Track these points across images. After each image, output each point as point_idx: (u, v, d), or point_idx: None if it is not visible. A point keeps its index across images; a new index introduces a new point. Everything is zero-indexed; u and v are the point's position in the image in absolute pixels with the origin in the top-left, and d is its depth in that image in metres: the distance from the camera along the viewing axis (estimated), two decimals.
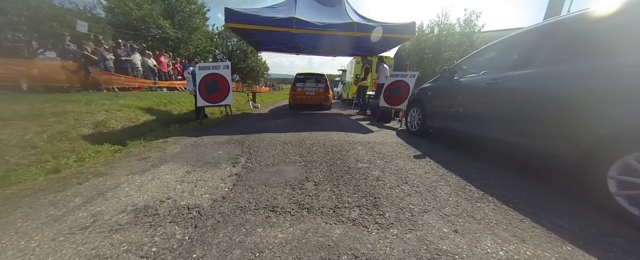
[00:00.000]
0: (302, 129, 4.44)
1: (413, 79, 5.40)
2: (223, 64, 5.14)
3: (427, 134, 4.16)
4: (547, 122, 1.97)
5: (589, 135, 1.63)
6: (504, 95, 2.43)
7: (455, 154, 2.97)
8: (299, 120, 5.60)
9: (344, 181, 1.96)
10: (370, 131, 4.49)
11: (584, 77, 1.74)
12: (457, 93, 3.26)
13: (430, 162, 2.59)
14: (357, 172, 2.20)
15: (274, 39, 7.53)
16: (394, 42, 7.38)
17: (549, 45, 2.17)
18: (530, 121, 2.13)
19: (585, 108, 1.69)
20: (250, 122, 5.21)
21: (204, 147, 3.08)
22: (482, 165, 2.52)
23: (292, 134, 3.88)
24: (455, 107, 3.23)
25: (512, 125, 2.31)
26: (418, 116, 4.30)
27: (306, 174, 2.12)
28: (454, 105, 3.27)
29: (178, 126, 4.62)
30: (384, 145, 3.30)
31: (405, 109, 5.24)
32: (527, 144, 2.13)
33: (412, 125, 4.45)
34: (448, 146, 3.40)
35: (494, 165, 2.55)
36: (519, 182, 2.09)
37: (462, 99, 3.12)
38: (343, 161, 2.50)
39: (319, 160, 2.52)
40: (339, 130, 4.32)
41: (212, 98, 5.08)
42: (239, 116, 6.37)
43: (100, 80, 7.44)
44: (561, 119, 1.85)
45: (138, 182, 1.91)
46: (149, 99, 6.52)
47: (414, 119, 4.44)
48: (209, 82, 5.07)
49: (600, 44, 1.79)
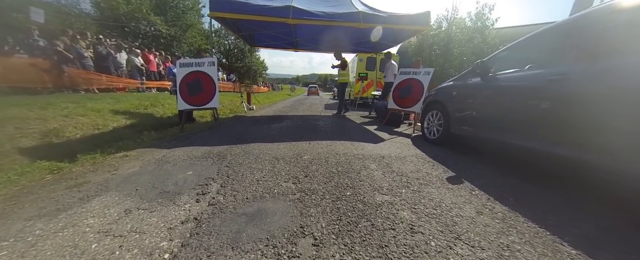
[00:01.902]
0: (300, 136, 3.73)
1: (427, 76, 4.69)
2: (208, 60, 4.43)
3: (449, 142, 3.45)
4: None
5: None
6: (586, 96, 1.72)
7: (499, 174, 2.25)
8: (297, 125, 4.89)
9: (360, 236, 1.25)
10: (380, 139, 3.78)
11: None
12: (498, 93, 2.54)
13: (475, 190, 1.87)
14: (377, 213, 1.48)
15: (270, 32, 6.82)
16: (405, 35, 6.64)
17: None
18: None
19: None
20: (241, 128, 4.51)
21: (171, 164, 2.37)
22: (557, 199, 1.81)
23: (288, 145, 3.17)
24: (496, 112, 2.52)
25: (602, 138, 1.59)
26: (438, 121, 3.59)
27: (301, 218, 1.41)
28: (494, 109, 2.56)
29: (154, 133, 3.91)
30: (404, 161, 2.58)
31: (419, 112, 4.53)
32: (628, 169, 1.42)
33: (431, 132, 3.74)
34: (480, 160, 2.69)
35: (568, 198, 1.83)
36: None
37: (509, 101, 2.40)
38: (354, 191, 1.79)
39: (321, 189, 1.81)
40: (343, 139, 3.61)
41: (195, 100, 4.37)
42: (230, 120, 5.66)
43: (78, 80, 6.74)
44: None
45: (32, 239, 1.20)
46: (129, 100, 5.82)
47: (432, 124, 3.72)
48: (192, 81, 4.37)
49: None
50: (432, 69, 4.75)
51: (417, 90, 4.76)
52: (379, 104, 5.94)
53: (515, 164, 2.53)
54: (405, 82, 5.05)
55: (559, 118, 1.87)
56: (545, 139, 1.95)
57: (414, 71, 4.94)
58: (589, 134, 1.66)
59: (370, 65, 10.60)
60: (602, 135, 1.58)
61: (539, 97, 2.05)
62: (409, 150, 3.10)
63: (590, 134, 1.66)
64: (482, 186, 1.95)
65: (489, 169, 2.45)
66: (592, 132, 1.65)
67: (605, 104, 1.59)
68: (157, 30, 12.95)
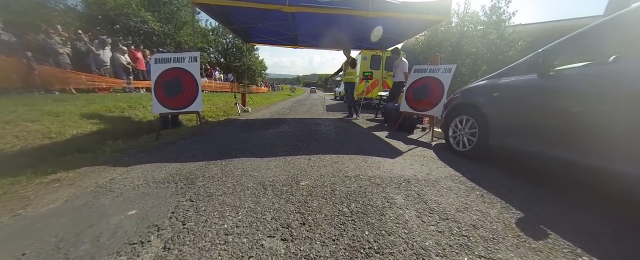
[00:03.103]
0: (298, 147, 3.02)
1: (448, 74, 3.99)
2: (189, 55, 3.73)
3: (482, 154, 2.74)
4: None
5: None
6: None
7: (595, 214, 1.55)
8: (295, 131, 4.19)
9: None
10: (397, 151, 3.07)
11: None
12: (570, 95, 1.83)
13: (584, 257, 1.16)
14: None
15: (266, 26, 6.12)
16: (417, 27, 5.89)
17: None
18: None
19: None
20: (228, 135, 3.81)
21: (114, 194, 1.68)
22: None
23: (281, 161, 2.46)
24: (571, 122, 1.81)
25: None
26: (470, 130, 2.89)
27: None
28: (566, 116, 1.85)
29: (121, 143, 3.21)
30: (438, 189, 1.88)
31: (439, 116, 3.83)
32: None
33: (459, 142, 3.03)
34: (541, 183, 1.98)
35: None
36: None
37: (593, 107, 1.69)
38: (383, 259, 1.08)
39: (327, 255, 1.10)
40: (351, 151, 2.91)
41: (173, 102, 3.67)
42: (220, 124, 4.96)
43: (51, 79, 6.05)
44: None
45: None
46: (104, 102, 5.12)
47: (461, 132, 3.02)
48: (170, 79, 3.67)
49: None
50: (454, 65, 4.05)
51: (435, 90, 4.06)
52: (389, 106, 5.22)
53: (614, 199, 1.82)
54: (421, 81, 4.35)
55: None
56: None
57: (431, 68, 4.23)
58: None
59: (374, 64, 9.92)
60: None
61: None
62: (438, 169, 2.39)
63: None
64: (587, 242, 1.24)
65: (569, 202, 1.74)
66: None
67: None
68: (150, 27, 12.27)
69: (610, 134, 1.54)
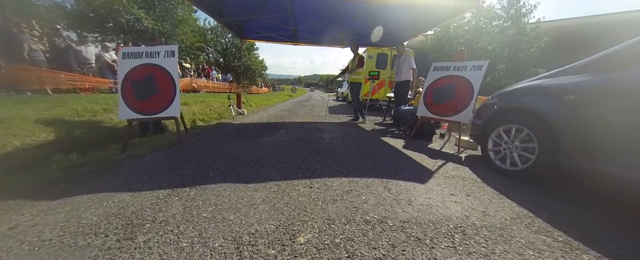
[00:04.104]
0: (297, 166, 2.35)
1: (478, 73, 3.33)
2: (165, 50, 3.07)
3: (543, 177, 2.06)
4: None
5: None
6: None
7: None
8: (294, 139, 3.52)
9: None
10: (425, 170, 2.39)
11: None
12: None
13: None
14: None
15: (262, 19, 5.46)
16: (436, 18, 5.10)
17: None
18: None
19: None
20: (213, 146, 3.14)
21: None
22: None
23: (271, 191, 1.79)
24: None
25: None
26: (522, 143, 2.20)
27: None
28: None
29: (77, 156, 2.55)
30: (514, 246, 1.20)
31: (467, 122, 3.14)
32: None
33: (505, 159, 2.35)
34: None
35: None
36: None
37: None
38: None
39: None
40: (367, 171, 2.23)
41: (145, 105, 3.02)
42: (209, 130, 4.29)
43: (22, 78, 5.42)
44: None
45: None
46: (76, 104, 4.47)
47: (508, 146, 2.33)
48: (141, 78, 3.02)
49: None
50: (486, 62, 3.36)
51: (463, 91, 3.39)
52: (403, 110, 4.53)
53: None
54: (443, 81, 3.68)
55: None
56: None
57: (455, 66, 3.55)
58: None
59: (380, 63, 9.26)
60: None
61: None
62: (493, 202, 1.71)
63: None
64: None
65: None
66: None
67: None
68: (143, 25, 11.66)
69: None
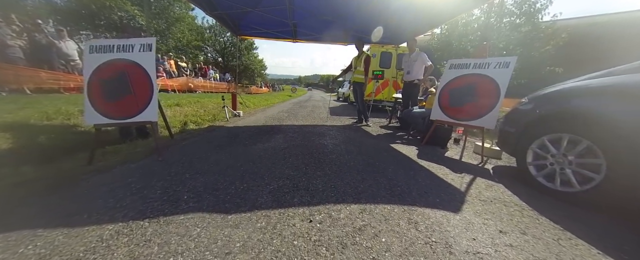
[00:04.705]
0: (293, 185, 1.89)
1: (505, 70, 2.89)
2: (140, 43, 2.62)
3: (610, 203, 1.60)
4: None
5: None
6: None
7: None
8: (292, 147, 3.06)
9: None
10: (453, 190, 1.94)
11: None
12: None
13: None
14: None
15: (258, 12, 5.01)
16: (448, 13, 4.68)
17: None
18: None
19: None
20: (197, 156, 2.69)
21: None
22: None
23: (257, 228, 1.33)
24: None
25: None
26: (578, 159, 1.75)
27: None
28: None
29: (31, 169, 2.11)
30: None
31: (501, 130, 2.68)
32: None
33: (552, 176, 1.89)
34: None
35: None
36: None
37: None
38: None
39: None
40: (382, 195, 1.77)
41: (116, 108, 2.56)
42: (198, 134, 3.83)
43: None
44: None
45: None
46: (49, 106, 4.02)
47: (557, 161, 1.88)
48: (112, 77, 2.56)
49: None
50: (513, 58, 2.91)
51: (486, 92, 2.95)
52: (415, 113, 4.07)
53: None
54: (462, 80, 3.23)
55: None
56: None
57: (476, 63, 3.10)
58: None
59: (384, 62, 8.81)
60: None
61: None
62: (562, 243, 1.26)
63: None
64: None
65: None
66: None
67: None
68: (137, 23, 11.22)
69: None
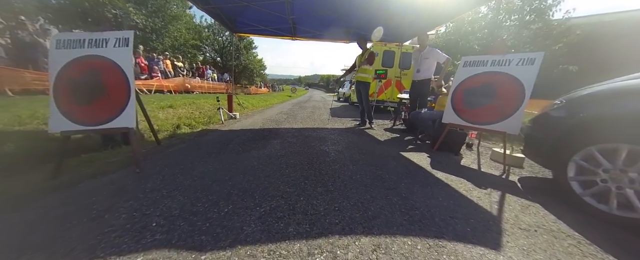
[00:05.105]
0: (289, 207, 1.56)
1: (531, 68, 2.57)
2: (115, 37, 2.29)
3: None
4: None
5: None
6: None
7: None
8: (290, 154, 2.73)
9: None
10: (483, 212, 1.61)
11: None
12: None
13: None
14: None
15: (255, 7, 4.69)
16: (455, 8, 4.37)
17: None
18: None
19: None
20: (179, 167, 2.35)
21: None
22: None
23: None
24: None
25: None
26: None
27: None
28: None
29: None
30: None
31: (529, 136, 2.35)
32: None
33: (603, 197, 1.56)
34: None
35: None
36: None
37: None
38: None
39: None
40: (396, 221, 1.44)
41: (87, 113, 2.24)
42: (188, 139, 3.50)
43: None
44: None
45: None
46: (25, 109, 3.69)
47: (610, 178, 1.55)
48: (82, 76, 2.24)
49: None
50: (540, 54, 2.58)
51: (507, 92, 2.63)
52: (425, 115, 3.73)
53: None
54: (478, 79, 2.92)
55: None
56: None
57: (494, 60, 2.78)
58: None
59: (387, 61, 8.49)
60: None
61: None
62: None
63: None
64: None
65: None
66: None
67: None
68: (132, 21, 10.90)
69: None
